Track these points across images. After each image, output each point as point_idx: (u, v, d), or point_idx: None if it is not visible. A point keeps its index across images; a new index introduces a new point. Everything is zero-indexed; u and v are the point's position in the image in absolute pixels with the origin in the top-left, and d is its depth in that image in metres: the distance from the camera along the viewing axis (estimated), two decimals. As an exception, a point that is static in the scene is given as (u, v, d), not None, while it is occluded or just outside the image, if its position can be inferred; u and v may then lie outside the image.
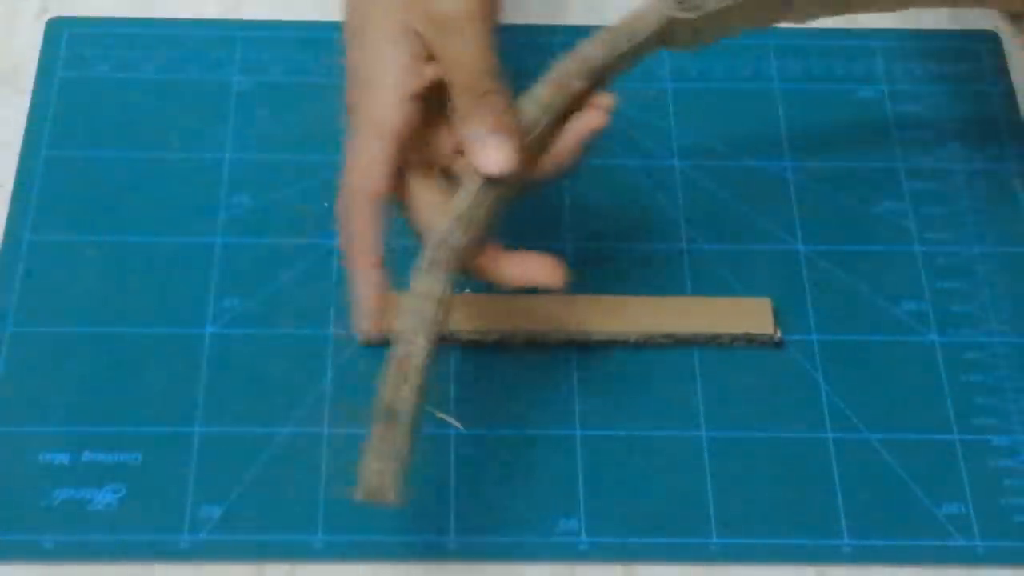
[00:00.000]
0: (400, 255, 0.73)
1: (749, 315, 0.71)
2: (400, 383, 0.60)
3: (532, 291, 0.72)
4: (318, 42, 0.82)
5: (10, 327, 0.70)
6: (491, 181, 0.62)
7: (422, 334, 0.61)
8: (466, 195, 0.62)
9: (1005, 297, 0.74)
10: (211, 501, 0.66)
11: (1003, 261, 0.74)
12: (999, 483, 0.68)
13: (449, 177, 0.64)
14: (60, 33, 0.80)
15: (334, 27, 0.83)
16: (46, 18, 0.81)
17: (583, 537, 0.66)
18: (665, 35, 0.66)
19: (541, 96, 0.64)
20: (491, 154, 0.62)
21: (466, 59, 0.62)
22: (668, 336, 0.71)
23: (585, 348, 0.71)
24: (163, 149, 0.76)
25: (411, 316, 0.61)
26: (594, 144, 0.66)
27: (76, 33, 0.81)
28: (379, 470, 0.59)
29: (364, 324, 0.62)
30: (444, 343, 0.70)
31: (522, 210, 0.75)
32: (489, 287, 0.72)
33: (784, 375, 0.71)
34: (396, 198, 0.63)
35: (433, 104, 0.63)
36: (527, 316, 0.71)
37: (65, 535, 0.64)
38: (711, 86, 0.81)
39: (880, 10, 0.70)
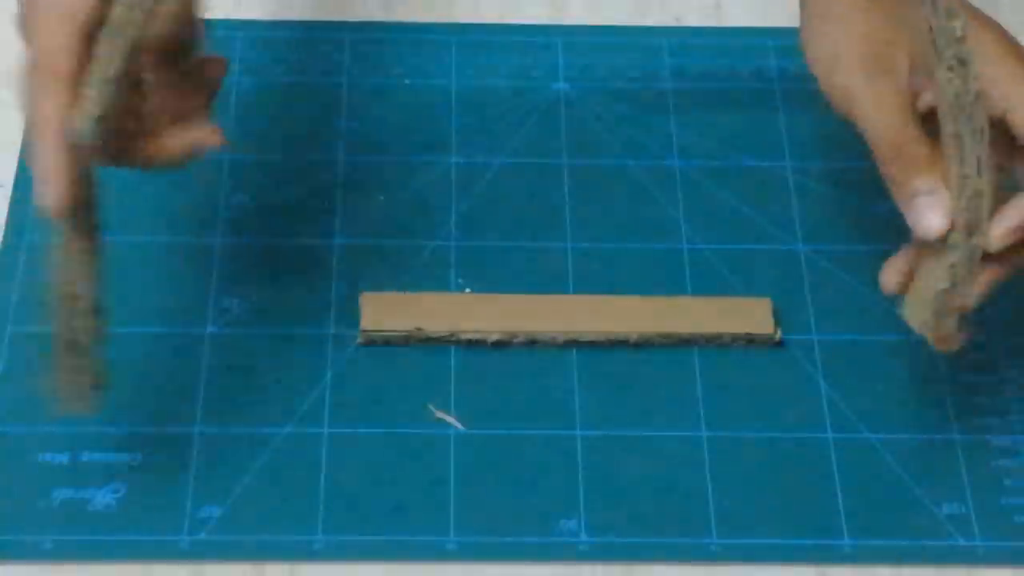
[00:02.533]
0: (400, 254, 0.73)
1: (749, 315, 0.71)
2: (71, 318, 0.61)
3: (532, 291, 0.72)
4: (318, 42, 0.82)
5: (10, 327, 0.70)
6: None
7: (84, 283, 0.61)
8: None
9: (1005, 297, 0.73)
10: (211, 501, 0.65)
11: (1003, 261, 0.74)
12: (999, 483, 0.68)
13: None
14: (60, 33, 0.80)
15: (334, 27, 0.83)
16: (46, 18, 0.81)
17: (583, 537, 0.65)
18: None
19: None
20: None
21: None
22: (668, 336, 0.71)
23: (585, 348, 0.71)
24: (163, 149, 0.76)
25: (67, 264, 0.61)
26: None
27: (76, 33, 0.80)
28: (71, 391, 0.62)
29: (48, 195, 0.58)
30: (444, 343, 0.70)
31: (523, 210, 0.76)
32: (489, 287, 0.72)
33: (784, 375, 0.71)
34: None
35: None
36: (527, 316, 0.71)
37: (65, 535, 0.64)
38: (711, 86, 0.81)
39: None
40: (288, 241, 0.74)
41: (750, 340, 0.71)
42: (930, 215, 0.60)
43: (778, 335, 0.71)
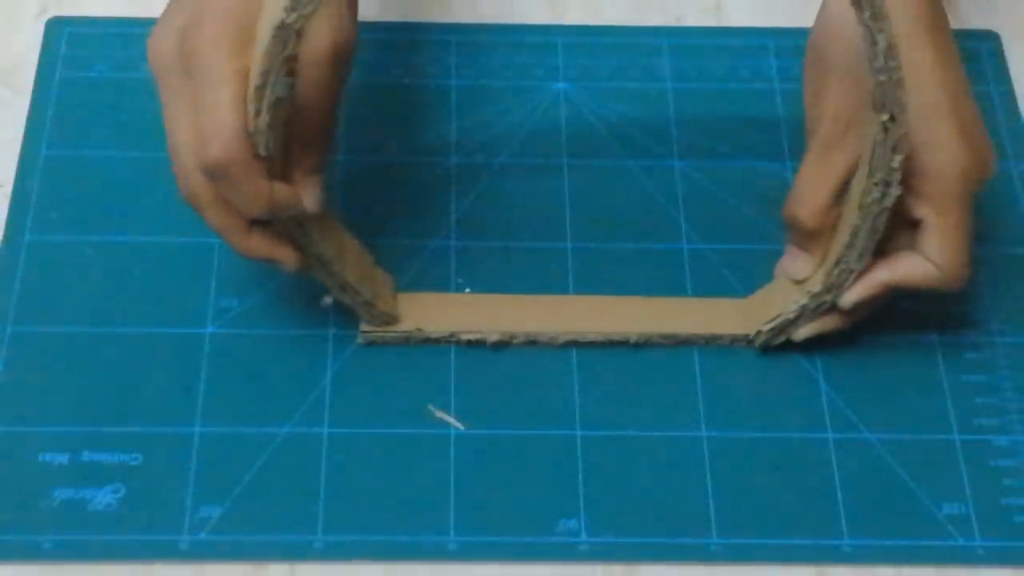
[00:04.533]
0: (400, 254, 0.73)
1: (749, 316, 0.71)
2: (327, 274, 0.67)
3: (532, 291, 0.72)
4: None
5: (10, 327, 0.70)
6: None
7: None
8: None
9: (1005, 297, 0.73)
10: (211, 501, 0.66)
11: (1003, 261, 0.74)
12: (999, 483, 0.68)
13: None
14: (60, 33, 0.80)
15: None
16: (46, 18, 0.81)
17: (583, 537, 0.65)
18: None
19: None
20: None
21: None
22: (668, 336, 0.71)
23: (585, 348, 0.71)
24: (163, 149, 0.75)
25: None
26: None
27: (76, 33, 0.81)
28: (375, 312, 0.69)
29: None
30: (444, 343, 0.70)
31: (523, 210, 0.76)
32: (489, 287, 0.72)
33: (784, 375, 0.71)
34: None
35: None
36: (527, 316, 0.71)
37: (65, 535, 0.64)
38: (711, 86, 0.81)
39: None
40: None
41: (750, 340, 0.71)
42: (800, 266, 0.68)
43: (778, 335, 0.71)
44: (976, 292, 0.73)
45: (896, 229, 0.66)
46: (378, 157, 0.77)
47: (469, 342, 0.70)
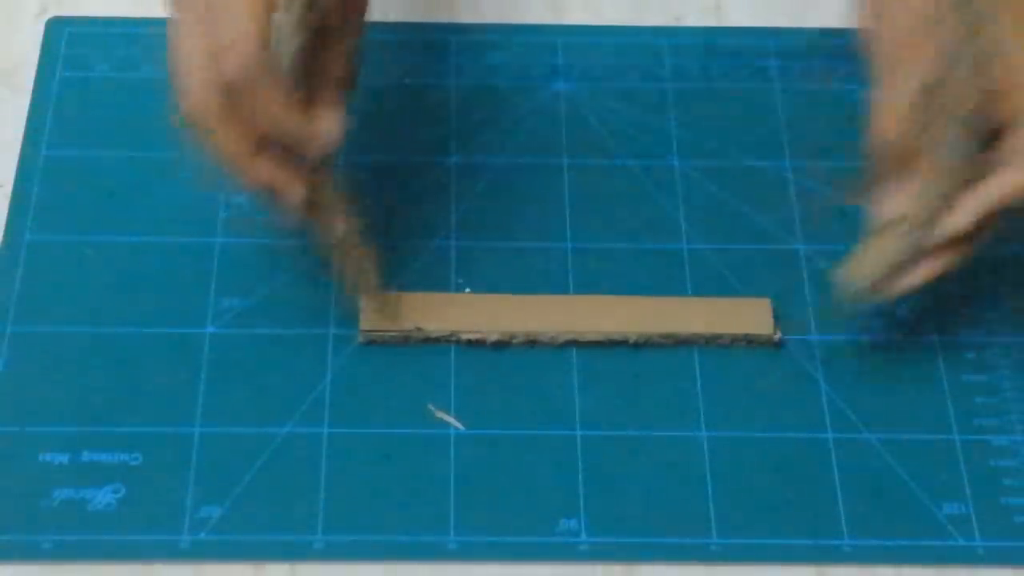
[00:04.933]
0: (400, 254, 0.73)
1: (749, 315, 0.71)
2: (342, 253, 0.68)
3: (532, 291, 0.72)
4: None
5: (10, 327, 0.70)
6: None
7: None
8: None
9: (1005, 297, 0.73)
10: (211, 501, 0.66)
11: (1003, 261, 0.74)
12: (999, 483, 0.68)
13: None
14: (60, 33, 0.80)
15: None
16: (46, 18, 0.81)
17: (583, 537, 0.65)
18: None
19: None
20: None
21: None
22: (668, 336, 0.71)
23: (585, 348, 0.71)
24: (163, 149, 0.76)
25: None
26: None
27: (76, 33, 0.81)
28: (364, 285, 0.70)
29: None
30: (444, 343, 0.70)
31: (523, 210, 0.76)
32: (489, 287, 0.72)
33: (784, 375, 0.71)
34: None
35: None
36: (527, 316, 0.71)
37: (65, 535, 0.64)
38: (711, 86, 0.81)
39: None
40: (288, 241, 0.74)
41: (750, 340, 0.71)
42: (899, 201, 0.65)
43: (778, 335, 0.71)
44: (976, 292, 0.73)
45: (986, 153, 0.64)
46: (378, 157, 0.77)
47: (469, 342, 0.70)
